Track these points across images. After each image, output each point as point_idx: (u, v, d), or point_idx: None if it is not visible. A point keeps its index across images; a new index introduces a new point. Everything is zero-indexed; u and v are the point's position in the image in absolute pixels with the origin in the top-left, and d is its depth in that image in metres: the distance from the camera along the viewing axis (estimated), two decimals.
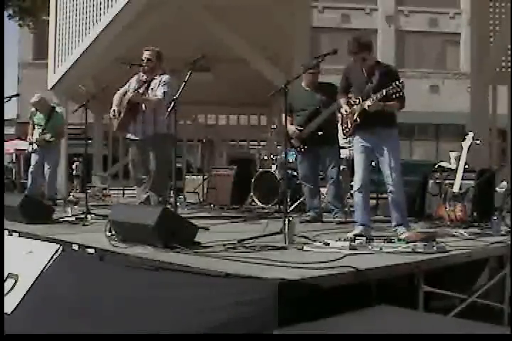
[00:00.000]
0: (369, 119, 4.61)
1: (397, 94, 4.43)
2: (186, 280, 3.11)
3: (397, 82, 4.42)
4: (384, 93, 4.45)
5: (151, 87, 5.92)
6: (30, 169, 7.99)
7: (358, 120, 4.67)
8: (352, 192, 4.98)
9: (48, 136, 7.73)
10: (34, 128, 7.97)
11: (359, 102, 4.69)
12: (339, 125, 5.17)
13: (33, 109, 8.05)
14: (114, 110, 5.90)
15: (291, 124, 5.94)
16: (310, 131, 5.89)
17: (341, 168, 6.52)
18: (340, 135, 6.96)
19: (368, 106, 4.54)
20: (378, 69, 4.67)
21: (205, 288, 2.99)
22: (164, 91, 5.76)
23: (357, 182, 4.74)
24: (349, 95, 4.90)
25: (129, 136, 6.07)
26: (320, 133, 5.83)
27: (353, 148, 4.88)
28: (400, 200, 4.71)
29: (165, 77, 5.88)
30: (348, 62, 4.90)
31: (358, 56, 4.64)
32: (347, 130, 4.84)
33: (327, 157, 5.97)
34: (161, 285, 3.24)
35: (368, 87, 4.64)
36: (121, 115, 5.90)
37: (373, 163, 4.92)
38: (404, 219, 4.73)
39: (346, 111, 4.77)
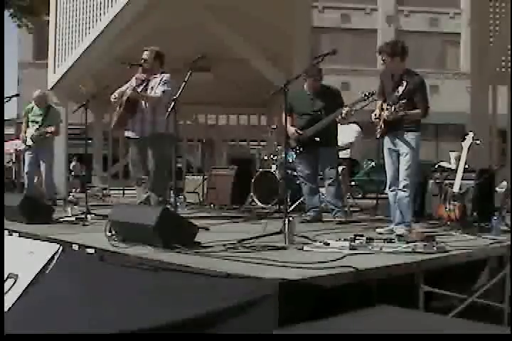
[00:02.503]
0: (393, 125, 4.87)
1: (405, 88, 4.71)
2: (186, 280, 3.11)
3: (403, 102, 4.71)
4: (395, 109, 4.74)
5: (150, 86, 5.92)
6: (25, 169, 7.94)
7: (383, 126, 4.92)
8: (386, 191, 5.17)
9: (48, 129, 7.67)
10: (28, 126, 7.93)
11: (386, 109, 4.90)
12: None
13: (29, 106, 8.03)
14: (114, 95, 5.90)
15: (292, 125, 5.95)
16: (308, 136, 5.90)
17: (341, 168, 6.53)
18: (344, 136, 7.02)
19: (387, 116, 4.82)
20: (406, 78, 4.84)
21: (205, 288, 2.99)
22: (164, 90, 5.76)
23: (388, 181, 5.02)
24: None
25: (128, 134, 6.08)
26: (318, 138, 5.84)
27: (384, 150, 5.10)
28: (407, 200, 4.86)
29: (165, 76, 5.87)
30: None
31: (380, 56, 4.89)
32: (377, 132, 5.04)
33: (325, 158, 5.97)
34: (161, 286, 3.24)
35: (394, 97, 4.83)
36: (120, 111, 5.90)
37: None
38: (406, 219, 4.84)
39: (375, 115, 5.00)
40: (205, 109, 14.31)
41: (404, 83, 4.77)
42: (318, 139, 5.85)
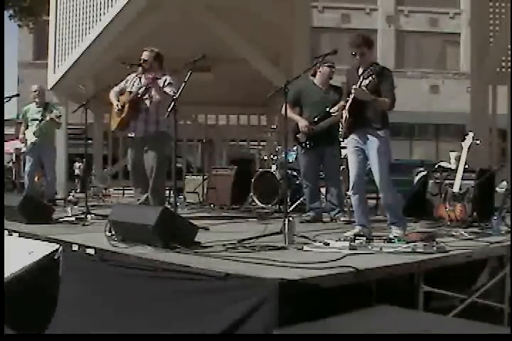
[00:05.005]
0: (359, 119, 4.61)
1: (372, 77, 4.48)
2: (186, 280, 3.11)
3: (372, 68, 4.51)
4: (360, 83, 4.48)
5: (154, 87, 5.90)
6: (26, 170, 7.90)
7: (348, 115, 4.61)
8: (348, 193, 5.00)
9: (52, 115, 7.58)
10: (27, 127, 7.91)
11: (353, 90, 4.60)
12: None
13: (26, 107, 8.00)
14: (117, 105, 5.89)
15: (300, 117, 5.92)
16: (319, 130, 5.86)
17: (341, 168, 6.52)
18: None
19: (354, 89, 4.50)
20: (373, 70, 4.61)
21: (205, 288, 2.99)
22: (172, 90, 5.70)
23: (350, 183, 4.79)
24: None
25: (130, 134, 6.06)
26: (328, 133, 5.78)
27: (347, 149, 4.88)
28: (389, 201, 4.70)
29: (168, 78, 5.85)
30: (350, 64, 4.90)
31: (358, 50, 4.61)
32: (342, 133, 4.79)
33: (330, 157, 5.95)
34: (162, 287, 3.23)
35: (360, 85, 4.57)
36: (123, 114, 5.89)
37: (368, 163, 4.92)
38: (397, 219, 4.69)
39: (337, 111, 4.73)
40: (205, 109, 14.31)
41: (373, 74, 4.55)
42: (327, 134, 5.77)
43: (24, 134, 7.86)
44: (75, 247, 3.99)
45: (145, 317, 3.23)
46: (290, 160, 6.89)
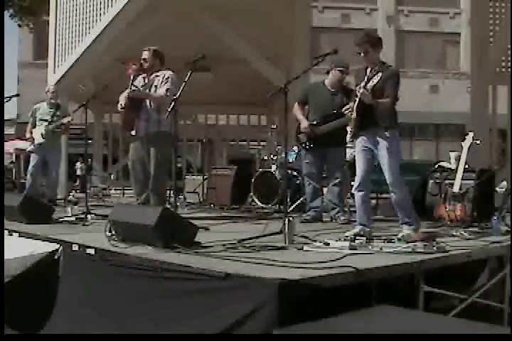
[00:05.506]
0: (367, 118, 4.61)
1: (379, 75, 4.54)
2: (186, 280, 3.11)
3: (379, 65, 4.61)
4: (365, 85, 4.53)
5: (154, 84, 5.90)
6: (30, 170, 7.88)
7: (356, 115, 4.63)
8: (352, 191, 5.00)
9: (64, 120, 7.63)
10: (35, 126, 7.90)
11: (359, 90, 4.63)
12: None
13: (37, 106, 8.00)
14: (120, 104, 5.90)
15: (305, 117, 5.90)
16: (322, 132, 5.86)
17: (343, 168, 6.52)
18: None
19: (363, 90, 4.53)
20: (382, 69, 4.66)
21: (205, 288, 2.99)
22: (167, 89, 5.72)
23: (356, 181, 4.78)
24: None
25: (132, 132, 6.05)
26: (331, 134, 5.76)
27: (355, 148, 4.89)
28: (400, 200, 4.69)
29: (167, 74, 5.85)
30: (352, 64, 4.91)
31: (360, 48, 4.66)
32: (351, 133, 4.80)
33: (334, 157, 5.94)
34: (162, 287, 3.24)
35: (368, 86, 4.60)
36: (124, 113, 5.89)
37: (375, 163, 4.91)
38: (409, 218, 4.68)
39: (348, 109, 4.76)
40: (205, 109, 14.32)
41: (380, 73, 4.59)
42: (330, 136, 5.76)
43: (31, 133, 7.85)
44: (75, 247, 3.99)
45: (145, 317, 3.23)
46: (290, 160, 6.89)
